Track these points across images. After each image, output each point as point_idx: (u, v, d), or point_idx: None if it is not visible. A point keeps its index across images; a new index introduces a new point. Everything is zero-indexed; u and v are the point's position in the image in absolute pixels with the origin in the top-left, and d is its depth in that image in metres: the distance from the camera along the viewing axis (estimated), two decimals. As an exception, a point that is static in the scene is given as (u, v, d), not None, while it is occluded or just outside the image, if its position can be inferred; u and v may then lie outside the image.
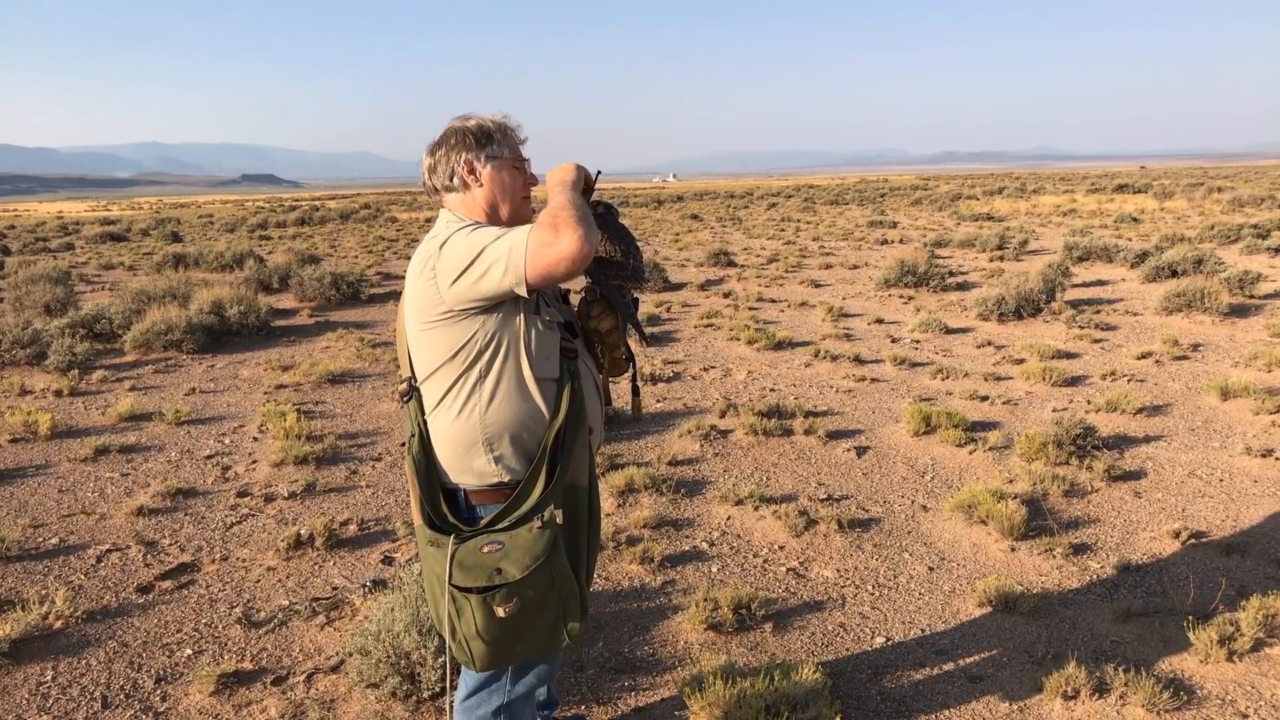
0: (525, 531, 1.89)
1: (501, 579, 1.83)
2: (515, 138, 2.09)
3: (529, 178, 2.09)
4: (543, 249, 1.78)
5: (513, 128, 2.09)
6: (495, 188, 2.03)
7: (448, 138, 2.05)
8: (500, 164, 2.04)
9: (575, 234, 1.77)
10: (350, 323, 10.51)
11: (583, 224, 1.79)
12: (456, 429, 1.98)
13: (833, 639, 3.37)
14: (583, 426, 2.02)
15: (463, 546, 1.90)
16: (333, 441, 5.76)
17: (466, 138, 2.03)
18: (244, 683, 3.12)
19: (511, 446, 1.99)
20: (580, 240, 1.77)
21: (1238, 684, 2.98)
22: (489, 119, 2.06)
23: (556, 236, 1.78)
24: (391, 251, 20.13)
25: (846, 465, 5.24)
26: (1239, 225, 16.95)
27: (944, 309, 10.45)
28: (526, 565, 1.84)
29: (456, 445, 2.00)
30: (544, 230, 1.79)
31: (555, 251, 1.78)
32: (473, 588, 1.84)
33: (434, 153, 2.05)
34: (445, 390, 1.98)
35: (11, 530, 4.42)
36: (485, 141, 2.03)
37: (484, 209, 2.04)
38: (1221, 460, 5.14)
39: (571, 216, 1.80)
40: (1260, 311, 9.49)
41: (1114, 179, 46.34)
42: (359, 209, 42.20)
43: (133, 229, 30.86)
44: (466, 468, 2.01)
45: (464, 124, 2.06)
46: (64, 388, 7.34)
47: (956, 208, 30.47)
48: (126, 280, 15.42)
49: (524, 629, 1.89)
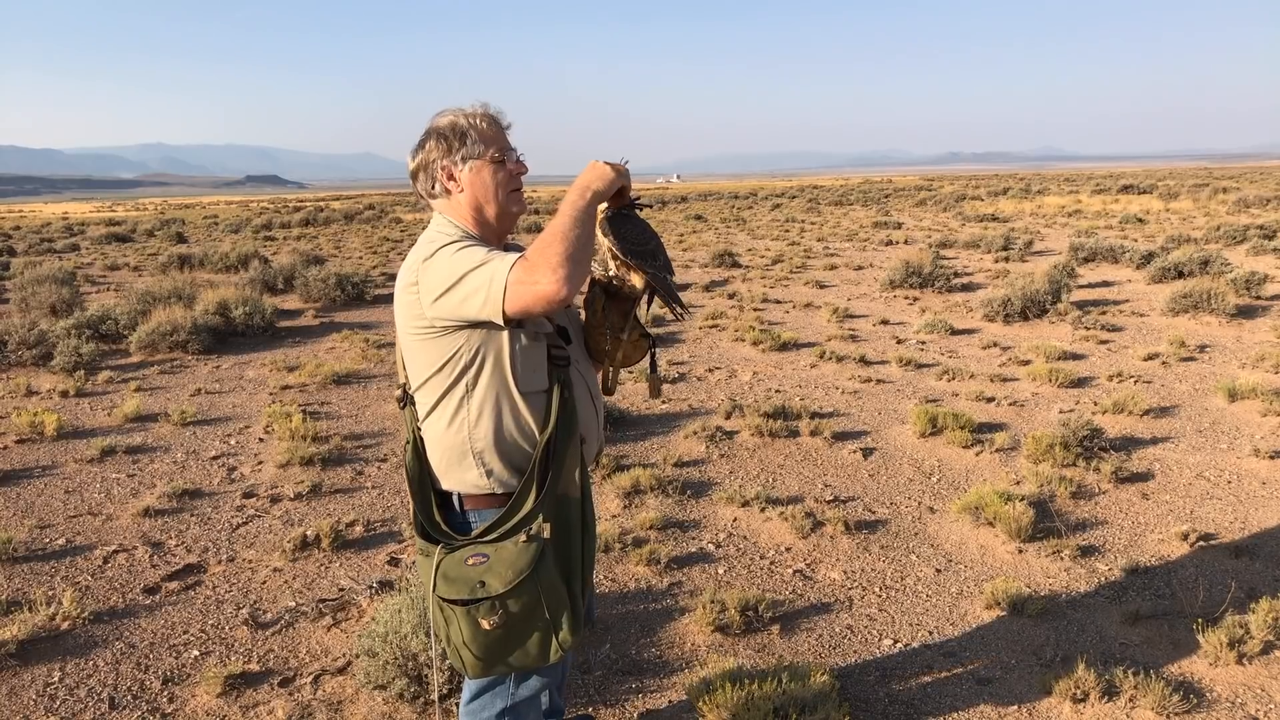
0: (511, 545, 1.88)
1: (484, 592, 1.82)
2: (495, 128, 1.99)
3: (515, 167, 2.00)
4: (519, 286, 1.74)
5: (493, 115, 1.99)
6: (476, 190, 1.97)
7: (424, 141, 1.99)
8: (478, 164, 1.96)
9: (555, 276, 1.70)
10: (355, 323, 10.53)
11: (567, 264, 1.71)
12: (448, 439, 1.98)
13: (840, 641, 3.36)
14: (574, 437, 1.98)
15: (449, 558, 1.90)
16: (338, 442, 5.76)
17: (441, 141, 1.96)
18: (251, 684, 3.12)
19: (501, 460, 1.97)
20: (559, 283, 1.70)
21: (1248, 687, 2.97)
22: (464, 114, 1.97)
23: (535, 276, 1.72)
24: (396, 252, 20.15)
25: (853, 467, 5.23)
26: (1245, 226, 16.91)
27: (949, 310, 10.43)
28: (509, 580, 1.83)
29: (448, 455, 1.99)
30: (524, 269, 1.74)
31: (531, 292, 1.73)
32: (456, 599, 1.84)
33: (415, 157, 2.00)
34: (435, 401, 1.97)
35: (18, 531, 4.43)
36: (460, 142, 1.95)
37: (469, 212, 1.99)
38: (1230, 462, 5.12)
39: (557, 254, 1.72)
40: (1267, 312, 9.46)
41: (1119, 180, 46.24)
42: (363, 209, 42.25)
43: (138, 230, 30.92)
44: (459, 478, 2.00)
45: (438, 123, 1.98)
46: (70, 388, 7.36)
47: (961, 208, 30.42)
48: (132, 281, 15.45)
49: (511, 641, 1.88)
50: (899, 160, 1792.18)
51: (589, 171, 1.92)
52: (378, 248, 21.44)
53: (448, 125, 1.96)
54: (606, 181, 1.90)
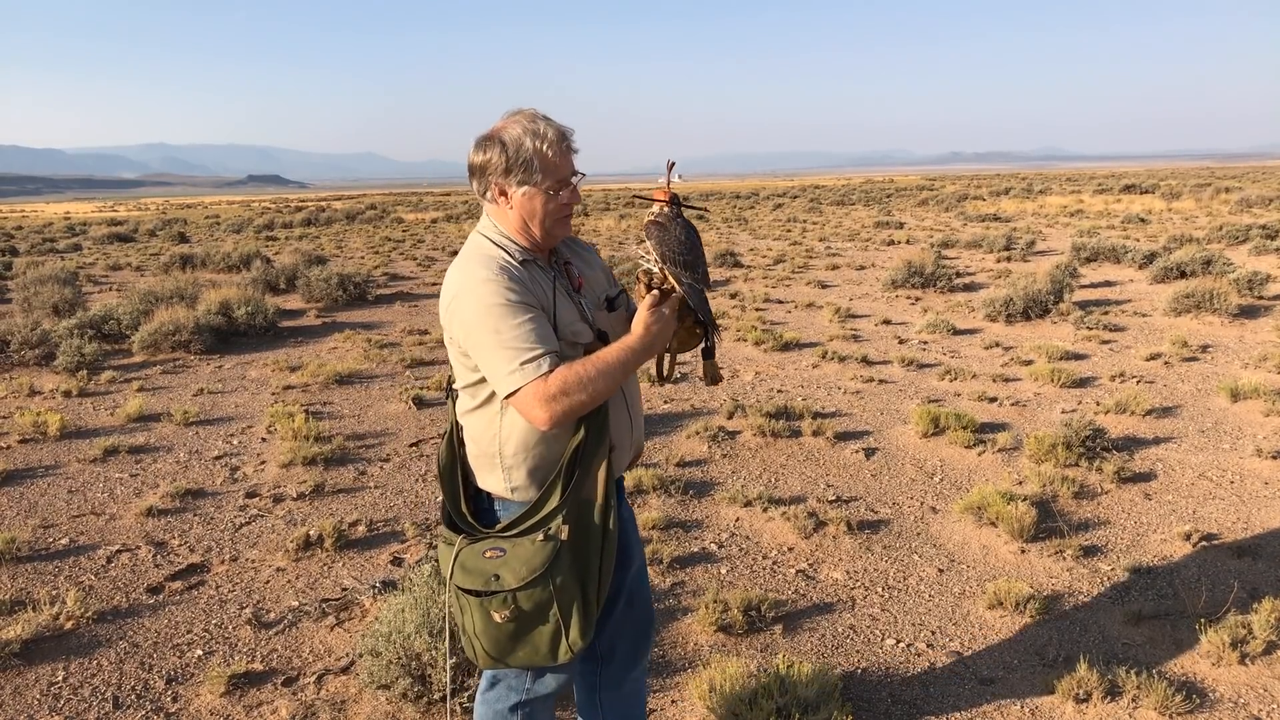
0: (528, 542, 1.91)
1: (498, 585, 1.88)
2: (562, 155, 1.96)
3: (569, 197, 2.00)
4: (525, 400, 1.86)
5: (565, 140, 1.96)
6: (524, 212, 1.98)
7: (490, 143, 1.96)
8: (532, 191, 1.95)
9: (551, 418, 1.86)
10: (357, 323, 10.54)
11: (570, 415, 1.88)
12: (480, 442, 2.04)
13: (843, 641, 3.36)
14: (602, 445, 1.99)
15: (468, 548, 1.96)
16: (341, 442, 5.77)
17: (504, 156, 1.94)
18: (255, 684, 3.13)
19: (526, 475, 2.01)
20: (549, 424, 1.87)
21: (1250, 687, 2.97)
22: (535, 134, 1.93)
23: (541, 407, 1.84)
24: (398, 252, 20.16)
25: (855, 467, 5.23)
26: (1247, 226, 16.89)
27: (951, 310, 10.43)
28: (522, 576, 1.88)
29: (479, 460, 2.06)
30: (539, 393, 1.84)
31: (528, 412, 1.88)
32: (470, 590, 1.91)
33: (478, 153, 1.98)
34: (473, 406, 2.04)
35: (22, 531, 4.44)
36: (521, 169, 1.94)
37: (517, 224, 2.00)
38: (1232, 462, 5.12)
39: (569, 404, 1.85)
40: (1269, 312, 9.45)
41: (1121, 179, 46.19)
42: (365, 209, 42.28)
43: (139, 230, 30.97)
44: (486, 479, 2.06)
45: (509, 134, 1.94)
46: (73, 388, 7.37)
47: (963, 208, 30.41)
48: (134, 281, 15.47)
49: (521, 636, 1.93)
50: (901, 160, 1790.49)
51: (657, 336, 1.96)
52: (379, 247, 21.45)
53: (514, 144, 1.93)
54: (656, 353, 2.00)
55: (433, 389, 7.11)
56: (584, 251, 2.21)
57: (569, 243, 2.16)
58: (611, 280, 2.22)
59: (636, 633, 2.35)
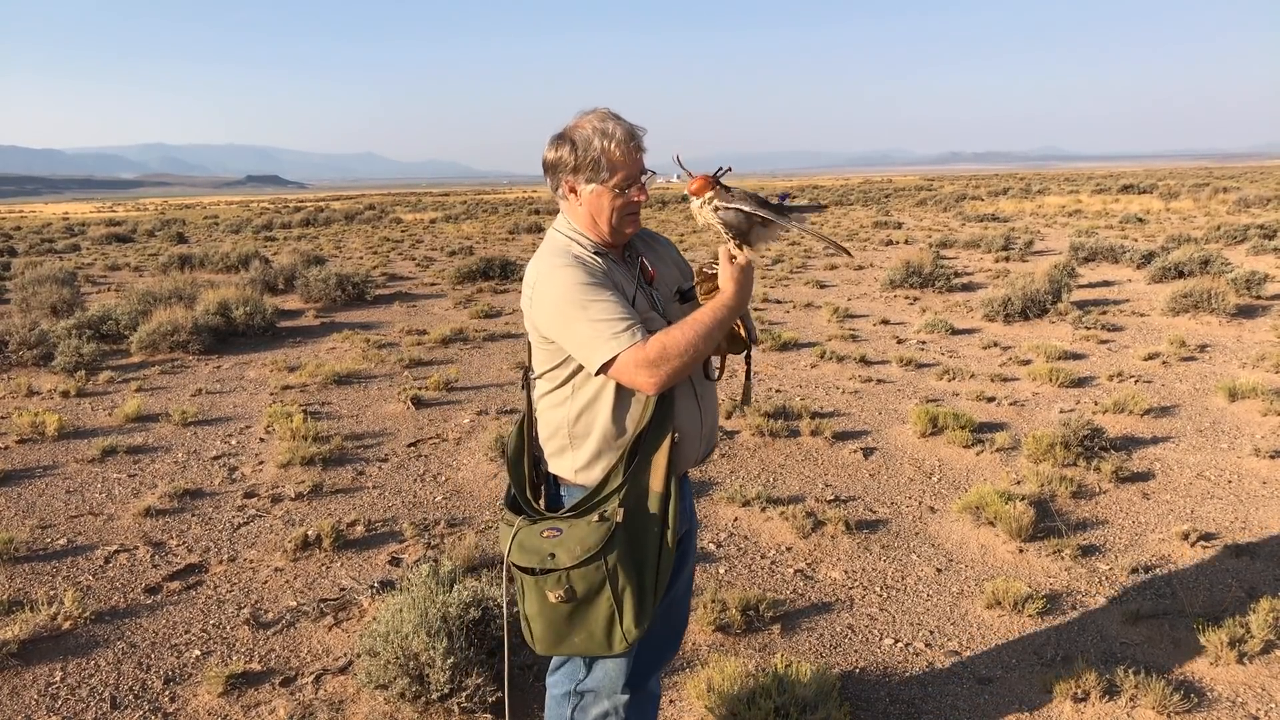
0: (584, 523, 1.96)
1: (553, 564, 1.93)
2: (630, 154, 2.00)
3: (636, 195, 2.03)
4: (626, 368, 1.90)
5: (634, 139, 2.01)
6: (592, 208, 2.04)
7: (563, 142, 2.01)
8: (600, 189, 2.01)
9: (656, 382, 1.90)
10: (356, 323, 10.53)
11: (675, 376, 1.91)
12: (553, 424, 2.10)
13: (841, 640, 3.37)
14: (664, 432, 2.01)
15: (527, 528, 2.01)
16: (339, 442, 5.76)
17: (574, 154, 2.00)
18: (252, 684, 3.13)
19: (591, 456, 2.05)
20: (655, 387, 1.91)
21: (1248, 686, 2.97)
22: (604, 133, 1.99)
23: (644, 372, 1.89)
24: (396, 252, 20.15)
25: (853, 466, 5.24)
26: (1245, 226, 16.90)
27: (950, 310, 10.44)
28: (577, 555, 1.92)
29: (550, 439, 2.11)
30: (640, 358, 1.88)
31: (631, 379, 1.92)
32: (526, 568, 1.97)
33: (552, 150, 2.04)
34: (547, 392, 2.11)
35: (19, 531, 4.43)
36: (590, 168, 2.00)
37: (587, 220, 2.06)
38: (1230, 461, 5.12)
39: (673, 367, 1.89)
40: (1267, 312, 9.46)
41: (1119, 179, 46.22)
42: (364, 210, 42.25)
43: (138, 230, 30.95)
44: (555, 464, 2.11)
45: (580, 133, 2.00)
46: (71, 389, 7.36)
47: (961, 208, 30.42)
48: (132, 281, 15.46)
49: (577, 619, 1.97)
50: (899, 160, 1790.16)
51: (743, 290, 1.98)
52: (378, 248, 21.43)
53: (583, 143, 1.99)
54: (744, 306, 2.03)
55: (431, 389, 7.11)
56: (658, 245, 2.26)
57: (643, 235, 2.22)
58: (685, 273, 2.26)
59: (664, 642, 2.35)
